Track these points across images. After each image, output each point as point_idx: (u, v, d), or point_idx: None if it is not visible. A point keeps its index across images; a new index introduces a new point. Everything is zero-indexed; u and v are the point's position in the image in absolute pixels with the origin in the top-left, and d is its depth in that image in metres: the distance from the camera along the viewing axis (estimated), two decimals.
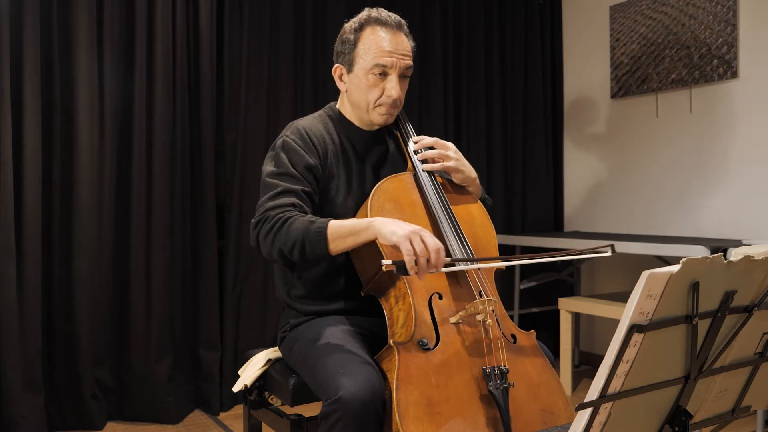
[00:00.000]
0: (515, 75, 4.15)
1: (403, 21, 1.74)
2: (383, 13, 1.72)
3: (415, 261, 1.40)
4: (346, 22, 1.76)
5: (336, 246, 1.52)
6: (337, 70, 1.77)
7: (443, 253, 1.44)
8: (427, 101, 3.81)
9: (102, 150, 2.93)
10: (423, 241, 1.42)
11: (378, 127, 1.79)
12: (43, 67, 2.79)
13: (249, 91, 3.26)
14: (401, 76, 1.70)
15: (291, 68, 3.37)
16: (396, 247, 1.42)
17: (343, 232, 1.51)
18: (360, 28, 1.70)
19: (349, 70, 1.73)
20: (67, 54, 2.84)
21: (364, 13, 1.72)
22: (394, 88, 1.68)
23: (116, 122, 2.97)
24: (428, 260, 1.41)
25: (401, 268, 1.41)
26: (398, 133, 1.83)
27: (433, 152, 1.73)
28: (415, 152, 1.75)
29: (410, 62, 1.71)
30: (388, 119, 1.74)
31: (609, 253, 1.52)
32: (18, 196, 2.71)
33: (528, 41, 4.20)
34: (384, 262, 1.43)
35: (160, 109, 3.01)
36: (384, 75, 1.68)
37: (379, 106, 1.71)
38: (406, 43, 1.71)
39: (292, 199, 1.61)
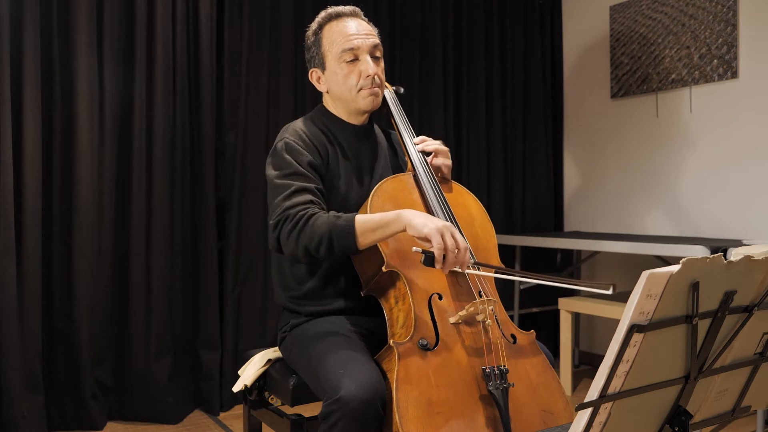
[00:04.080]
0: (515, 75, 4.15)
1: (357, 9, 1.80)
2: (336, 7, 1.78)
3: (443, 256, 1.44)
4: (307, 30, 1.82)
5: (365, 240, 1.52)
6: (313, 74, 1.81)
7: (470, 253, 1.48)
8: (427, 101, 3.81)
9: (102, 150, 2.93)
10: (454, 237, 1.45)
11: (367, 113, 1.80)
12: (43, 67, 2.79)
13: (249, 91, 3.26)
14: (372, 57, 1.74)
15: (291, 68, 3.37)
16: (426, 239, 1.45)
17: (371, 225, 1.52)
18: (320, 28, 1.78)
19: (323, 69, 1.78)
20: (67, 54, 2.84)
21: (320, 15, 1.79)
22: (369, 66, 1.72)
23: (116, 122, 2.97)
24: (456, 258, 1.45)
25: (429, 258, 1.45)
26: (398, 133, 1.84)
27: (433, 144, 1.80)
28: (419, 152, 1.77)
29: (376, 40, 1.76)
30: (375, 100, 1.76)
31: (610, 291, 1.51)
32: (18, 196, 2.70)
33: (528, 41, 4.20)
34: (415, 248, 1.47)
35: (160, 110, 3.01)
36: (355, 60, 1.73)
37: (360, 90, 1.73)
38: (366, 25, 1.77)
39: (309, 197, 1.61)
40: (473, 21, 3.99)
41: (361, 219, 1.52)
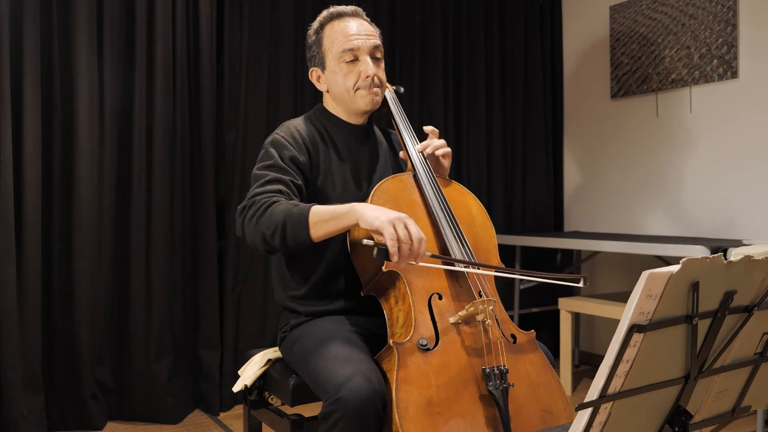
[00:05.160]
0: (515, 75, 4.15)
1: (359, 9, 1.80)
2: (338, 7, 1.78)
3: (398, 248, 1.39)
4: (309, 29, 1.82)
5: (317, 231, 1.50)
6: (313, 73, 1.82)
7: (425, 244, 1.43)
8: (427, 101, 3.81)
9: (102, 150, 2.93)
10: (407, 228, 1.41)
11: (366, 114, 1.81)
12: (43, 67, 2.79)
13: (249, 91, 3.26)
14: (373, 57, 1.74)
15: (291, 68, 3.37)
16: (379, 232, 1.41)
17: (324, 215, 1.49)
18: (321, 27, 1.78)
19: (324, 68, 1.78)
20: (67, 54, 2.84)
21: (321, 14, 1.79)
22: (369, 67, 1.72)
23: (116, 122, 2.97)
24: (410, 249, 1.41)
25: (382, 251, 1.40)
26: (398, 133, 1.83)
27: (436, 143, 1.78)
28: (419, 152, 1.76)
29: (377, 41, 1.76)
30: (374, 100, 1.76)
31: (581, 284, 1.54)
32: (18, 196, 2.71)
33: (528, 41, 4.20)
34: (365, 241, 1.42)
35: (160, 109, 3.01)
36: (355, 60, 1.73)
37: (359, 89, 1.74)
38: (367, 26, 1.77)
39: (279, 187, 1.61)
40: (473, 21, 3.99)
41: (316, 209, 1.51)
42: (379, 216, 1.42)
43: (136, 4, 2.97)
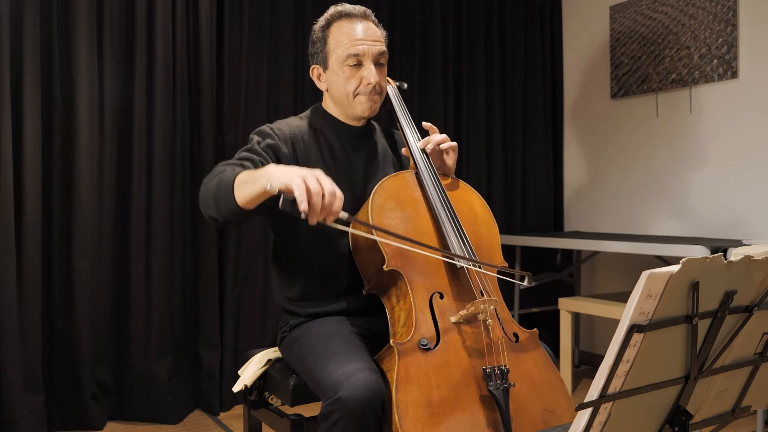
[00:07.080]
0: (515, 75, 4.15)
1: (368, 10, 1.76)
2: (347, 6, 1.74)
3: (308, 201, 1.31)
4: (314, 24, 1.78)
5: (239, 194, 1.44)
6: (314, 70, 1.79)
7: (340, 201, 1.36)
8: (427, 101, 3.81)
9: (102, 150, 2.93)
10: (319, 181, 1.34)
11: (364, 119, 1.79)
12: (43, 66, 2.79)
13: (249, 91, 3.26)
14: (377, 64, 1.71)
15: (291, 68, 3.37)
16: (290, 189, 1.32)
17: (245, 178, 1.44)
18: (328, 25, 1.73)
19: (325, 68, 1.75)
20: (67, 54, 2.84)
21: (329, 11, 1.75)
22: (371, 75, 1.69)
23: (116, 122, 2.97)
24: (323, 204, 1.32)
25: (288, 201, 1.30)
26: (400, 130, 1.83)
27: (436, 138, 1.76)
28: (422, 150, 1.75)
29: (383, 48, 1.73)
30: (373, 107, 1.74)
31: (525, 283, 1.58)
32: (18, 196, 2.71)
33: (528, 41, 4.20)
34: (269, 187, 1.33)
35: (160, 109, 3.01)
36: (359, 65, 1.70)
37: (358, 95, 1.71)
38: (375, 30, 1.73)
39: (242, 162, 1.60)
40: (473, 21, 3.99)
41: (243, 172, 1.47)
42: (289, 174, 1.34)
43: (136, 4, 2.97)
